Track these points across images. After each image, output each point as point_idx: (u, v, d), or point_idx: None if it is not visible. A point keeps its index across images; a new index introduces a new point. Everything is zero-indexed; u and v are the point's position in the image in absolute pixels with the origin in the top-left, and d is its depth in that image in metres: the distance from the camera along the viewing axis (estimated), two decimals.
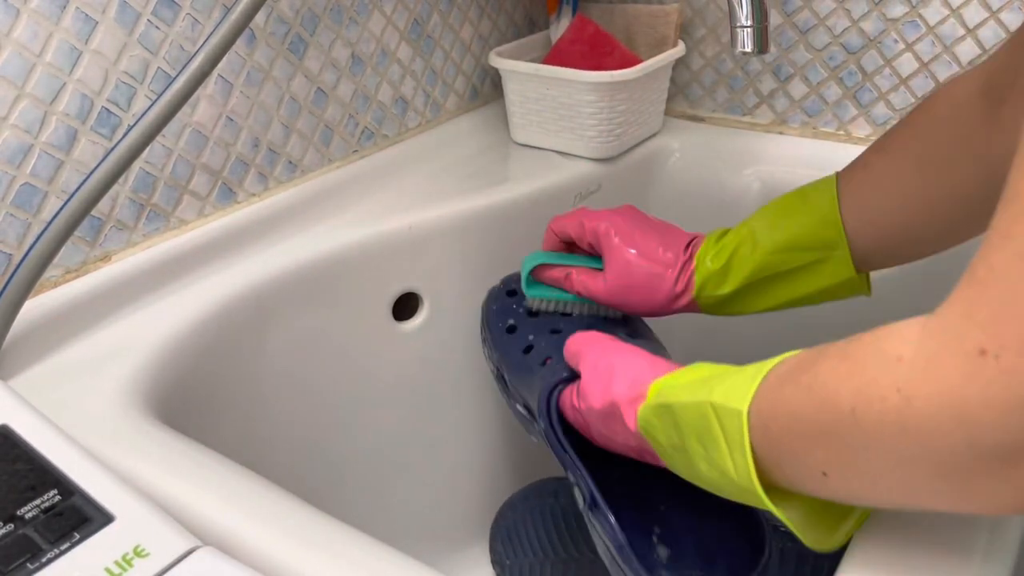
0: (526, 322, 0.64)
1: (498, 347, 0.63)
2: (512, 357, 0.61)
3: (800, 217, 0.56)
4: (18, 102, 0.57)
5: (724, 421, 0.38)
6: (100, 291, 0.62)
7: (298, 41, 0.74)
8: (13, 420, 0.44)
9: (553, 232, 0.65)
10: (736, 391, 0.38)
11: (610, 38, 0.89)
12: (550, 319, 0.63)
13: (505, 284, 0.69)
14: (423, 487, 0.85)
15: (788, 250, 0.55)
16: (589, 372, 0.51)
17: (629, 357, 0.50)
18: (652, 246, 0.59)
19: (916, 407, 0.28)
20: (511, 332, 0.63)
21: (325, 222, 0.76)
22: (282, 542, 0.43)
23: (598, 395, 0.49)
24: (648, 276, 0.59)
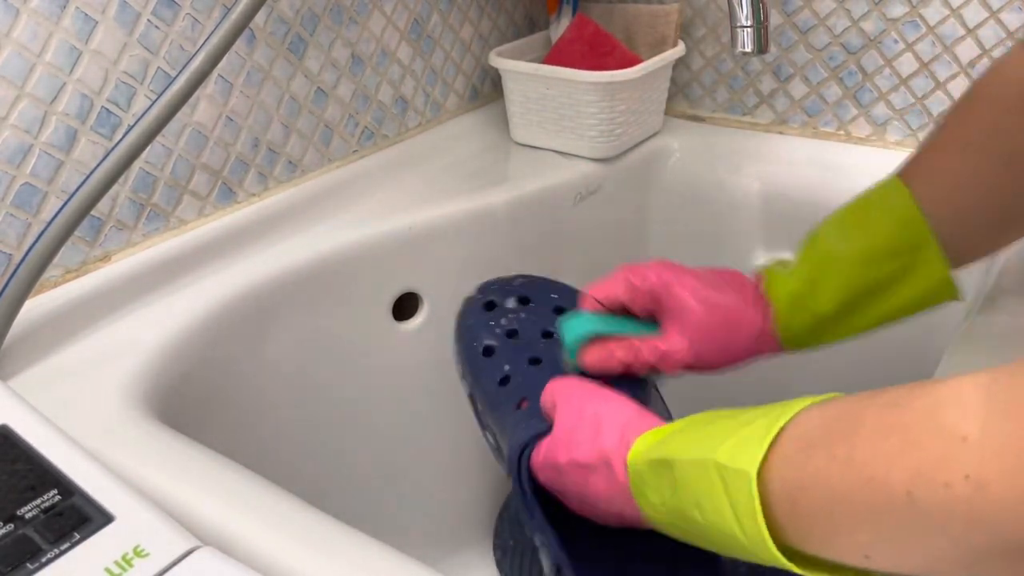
0: (505, 345, 0.56)
1: (472, 370, 0.56)
2: (486, 386, 0.54)
3: (877, 221, 0.50)
4: (18, 102, 0.57)
5: (730, 483, 0.34)
6: (100, 291, 0.62)
7: (298, 41, 0.74)
8: (13, 420, 0.44)
9: (595, 300, 0.55)
10: (744, 450, 0.34)
11: (610, 38, 0.89)
12: (530, 344, 0.55)
13: (483, 293, 0.60)
14: (423, 487, 0.85)
15: (874, 261, 0.50)
16: (572, 420, 0.45)
17: (616, 405, 0.45)
18: (719, 286, 0.52)
19: (991, 496, 0.25)
20: (488, 355, 0.55)
21: (325, 222, 0.76)
22: (282, 542, 0.43)
23: (584, 447, 0.43)
24: (726, 315, 0.52)
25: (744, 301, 0.52)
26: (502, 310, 0.58)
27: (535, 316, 0.56)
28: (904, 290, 0.50)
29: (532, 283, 0.59)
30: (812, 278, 0.51)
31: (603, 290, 0.54)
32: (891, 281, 0.50)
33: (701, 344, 0.51)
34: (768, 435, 0.33)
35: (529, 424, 0.49)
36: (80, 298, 0.61)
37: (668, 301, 0.52)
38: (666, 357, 0.51)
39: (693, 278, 0.52)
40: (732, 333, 0.51)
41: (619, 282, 0.54)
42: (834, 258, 0.51)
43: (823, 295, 0.51)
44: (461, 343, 0.58)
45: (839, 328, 0.52)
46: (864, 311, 0.51)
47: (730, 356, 0.52)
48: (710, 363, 0.52)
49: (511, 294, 0.58)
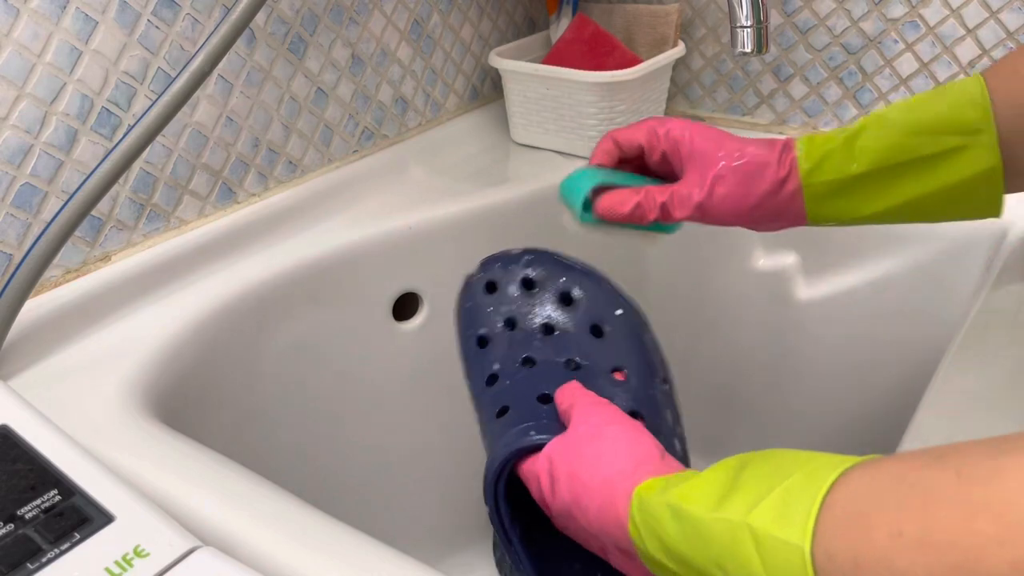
0: (500, 337, 0.52)
1: (465, 359, 0.53)
2: (475, 380, 0.51)
3: (942, 99, 0.47)
4: (18, 102, 0.57)
5: (768, 553, 0.29)
6: (100, 291, 0.62)
7: (298, 41, 0.74)
8: (13, 420, 0.44)
9: (616, 143, 0.54)
10: (786, 516, 0.29)
11: (610, 38, 0.89)
12: (527, 340, 0.51)
13: (485, 271, 0.55)
14: (423, 487, 0.85)
15: (926, 132, 0.46)
16: (588, 432, 0.42)
17: (643, 436, 0.41)
18: (742, 143, 0.50)
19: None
20: (482, 345, 0.52)
21: (325, 222, 0.76)
22: (282, 542, 0.43)
23: (590, 464, 0.40)
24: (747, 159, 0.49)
25: (769, 152, 0.49)
26: (504, 295, 0.54)
27: (538, 304, 0.52)
28: (947, 171, 0.46)
29: (539, 261, 0.54)
30: (851, 135, 0.48)
31: (625, 132, 0.54)
32: (936, 157, 0.46)
33: (717, 185, 0.49)
34: (816, 499, 0.29)
35: (508, 439, 0.45)
36: (80, 298, 0.61)
37: (687, 147, 0.51)
38: (680, 195, 0.50)
39: (715, 131, 0.51)
40: (751, 178, 0.49)
41: (643, 127, 0.53)
42: (884, 121, 0.48)
43: (859, 155, 0.47)
44: (459, 327, 0.55)
45: (869, 197, 0.48)
46: (897, 185, 0.47)
47: (746, 208, 0.50)
48: (723, 212, 0.50)
49: (515, 275, 0.54)
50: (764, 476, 0.32)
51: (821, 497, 0.29)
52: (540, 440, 0.43)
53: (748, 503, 0.31)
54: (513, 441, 0.44)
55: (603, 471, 0.39)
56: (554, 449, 0.42)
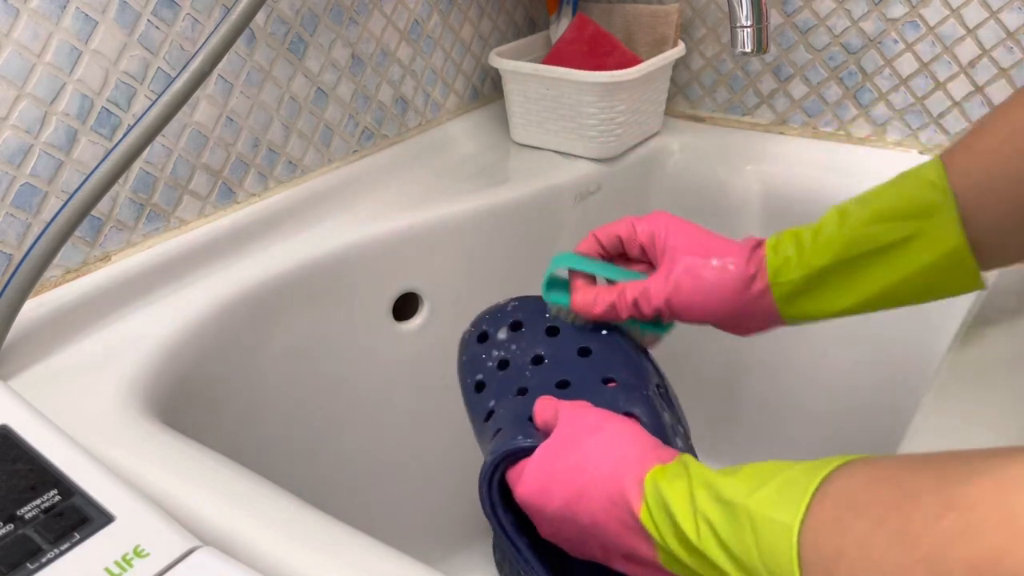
0: (494, 378, 0.54)
1: (467, 406, 0.55)
2: (476, 423, 0.53)
3: (898, 185, 0.47)
4: (18, 102, 0.57)
5: (762, 535, 0.31)
6: (100, 291, 0.62)
7: (298, 41, 0.74)
8: (13, 420, 0.44)
9: (597, 239, 0.55)
10: (782, 500, 0.31)
11: (610, 38, 0.89)
12: (519, 374, 0.53)
13: (476, 326, 0.58)
14: (423, 487, 0.85)
15: (885, 219, 0.46)
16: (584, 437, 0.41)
17: (638, 431, 0.42)
18: (715, 240, 0.51)
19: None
20: (479, 390, 0.54)
21: (325, 222, 0.76)
22: (282, 542, 0.43)
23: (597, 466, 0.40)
24: (714, 259, 0.49)
25: (739, 253, 0.50)
26: (494, 341, 0.56)
27: (526, 342, 0.54)
28: (909, 256, 0.46)
29: (524, 306, 0.57)
30: (815, 231, 0.48)
31: (606, 228, 0.54)
32: (896, 244, 0.46)
33: (683, 283, 0.49)
34: (809, 486, 0.31)
35: (496, 446, 0.45)
36: (80, 298, 0.61)
37: (661, 241, 0.51)
38: (647, 293, 0.50)
39: (694, 229, 0.51)
40: (718, 278, 0.49)
41: (623, 222, 0.54)
42: (844, 214, 0.48)
43: (821, 246, 0.47)
44: (460, 379, 0.57)
45: (838, 291, 0.48)
46: (862, 278, 0.47)
47: (715, 304, 0.50)
48: (692, 309, 0.50)
49: (503, 322, 0.56)
50: (767, 468, 0.34)
51: (815, 485, 0.31)
52: (527, 443, 0.44)
53: (749, 488, 0.33)
54: (500, 447, 0.44)
55: (608, 461, 0.39)
56: (547, 449, 0.42)
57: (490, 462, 0.44)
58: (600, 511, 0.39)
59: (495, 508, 0.44)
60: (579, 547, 0.42)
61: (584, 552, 0.42)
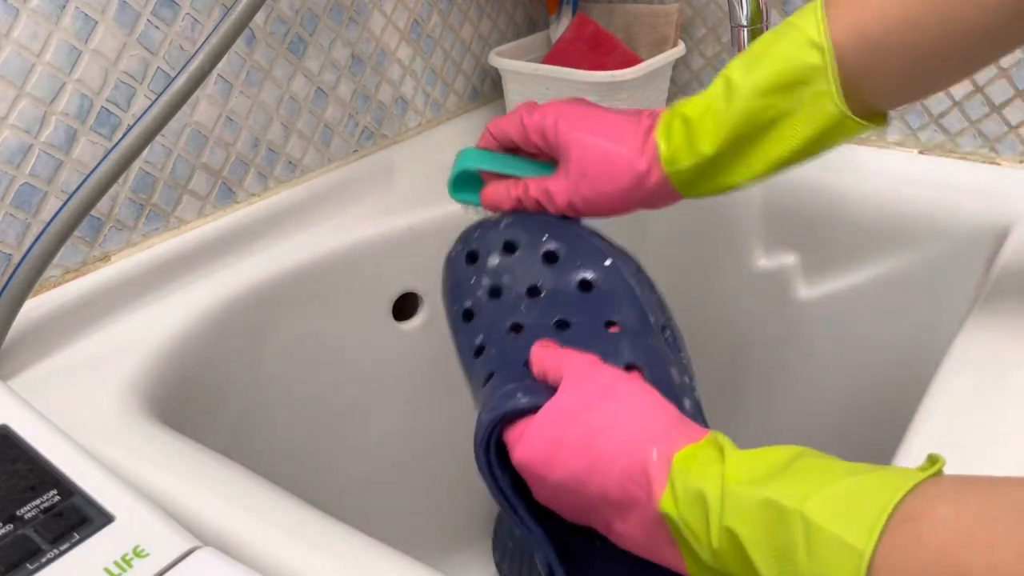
0: (485, 308, 0.50)
1: (455, 335, 0.51)
2: (465, 356, 0.49)
3: (779, 45, 0.45)
4: (18, 102, 0.57)
5: (817, 548, 0.28)
6: (100, 291, 0.62)
7: (298, 41, 0.74)
8: (13, 420, 0.44)
9: (492, 136, 0.53)
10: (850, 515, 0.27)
11: (610, 37, 0.89)
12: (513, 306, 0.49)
13: (464, 243, 0.53)
14: (423, 487, 0.85)
15: (769, 92, 0.44)
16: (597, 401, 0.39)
17: (657, 399, 0.39)
18: (606, 126, 0.49)
19: None
20: (468, 319, 0.50)
21: (325, 222, 0.76)
22: (282, 542, 0.43)
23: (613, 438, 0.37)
24: (606, 155, 0.48)
25: (631, 142, 0.48)
26: (484, 263, 0.51)
27: (521, 267, 0.50)
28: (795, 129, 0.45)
29: (520, 223, 0.52)
30: (702, 111, 0.47)
31: (499, 123, 0.53)
32: (785, 115, 0.45)
33: (581, 184, 0.49)
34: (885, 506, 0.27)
35: (494, 403, 0.41)
36: (80, 298, 0.61)
37: (554, 139, 0.50)
38: (549, 194, 0.50)
39: (587, 116, 0.50)
40: (613, 176, 0.48)
41: (514, 117, 0.52)
42: (730, 88, 0.46)
43: (711, 131, 0.46)
44: (446, 304, 0.54)
45: (731, 169, 0.47)
46: (755, 150, 0.46)
47: (614, 200, 0.49)
48: (594, 205, 0.49)
49: (495, 241, 0.52)
50: (821, 467, 0.31)
51: (892, 506, 0.27)
52: (528, 403, 0.40)
53: (805, 490, 0.29)
54: (499, 404, 0.41)
55: (627, 434, 0.36)
56: (552, 413, 0.39)
57: (486, 423, 0.41)
58: (614, 487, 0.36)
59: (492, 469, 0.41)
60: (578, 517, 0.40)
61: (583, 521, 0.40)
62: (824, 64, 0.42)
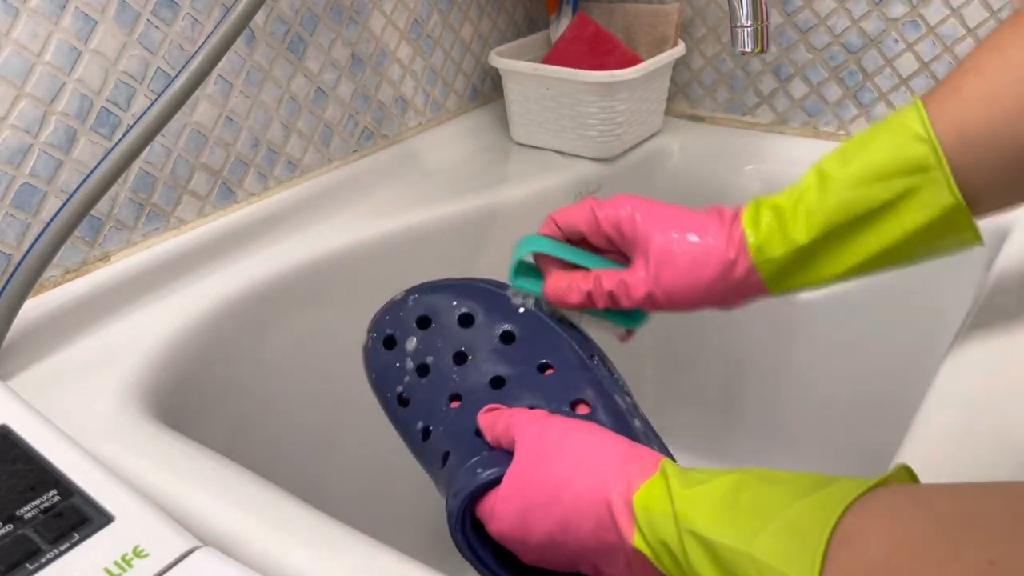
0: (418, 387, 0.48)
1: (395, 423, 0.50)
2: (411, 441, 0.48)
3: (881, 140, 0.43)
4: (18, 102, 0.57)
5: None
6: (100, 291, 0.62)
7: (298, 41, 0.74)
8: (13, 420, 0.44)
9: (557, 226, 0.51)
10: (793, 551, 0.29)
11: (610, 37, 0.89)
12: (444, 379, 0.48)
13: (378, 331, 0.52)
14: (423, 487, 0.85)
15: (871, 181, 0.42)
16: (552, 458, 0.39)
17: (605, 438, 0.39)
18: (687, 217, 0.47)
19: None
20: (404, 404, 0.49)
21: (325, 222, 0.76)
22: (282, 542, 0.43)
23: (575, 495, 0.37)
24: (691, 246, 0.46)
25: (716, 232, 0.46)
26: (403, 345, 0.50)
27: (440, 339, 0.49)
28: (901, 218, 0.42)
29: (425, 296, 0.51)
30: (795, 201, 0.45)
31: (565, 214, 0.50)
32: (887, 206, 0.42)
33: (663, 276, 0.46)
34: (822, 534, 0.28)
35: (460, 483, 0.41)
36: (80, 298, 0.61)
37: (631, 232, 0.47)
38: (626, 286, 0.47)
39: (663, 210, 0.48)
40: (698, 266, 0.46)
41: (583, 209, 0.49)
42: (826, 178, 0.44)
43: (802, 224, 0.44)
44: (376, 395, 0.52)
45: (826, 262, 0.45)
46: (853, 245, 0.44)
47: (699, 292, 0.46)
48: (676, 298, 0.47)
49: (408, 320, 0.50)
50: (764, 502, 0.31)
51: (828, 533, 0.28)
52: (490, 476, 0.40)
53: (751, 529, 0.30)
54: (464, 486, 0.41)
55: (587, 484, 0.37)
56: (514, 481, 0.39)
57: (456, 507, 0.41)
58: (590, 538, 0.37)
59: (474, 549, 0.41)
60: (570, 567, 0.40)
61: (576, 569, 0.40)
62: (935, 154, 0.41)
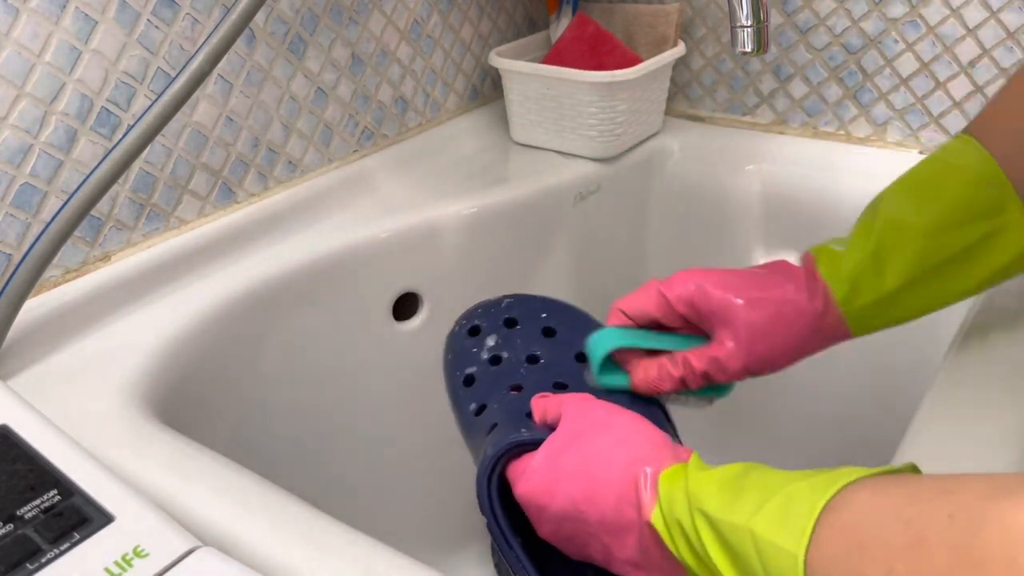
0: (486, 372, 0.51)
1: (453, 400, 0.52)
2: (464, 417, 0.50)
3: (950, 183, 0.44)
4: (18, 102, 0.57)
5: (767, 559, 0.30)
6: (100, 291, 0.62)
7: (298, 41, 0.74)
8: (13, 420, 0.44)
9: (625, 315, 0.49)
10: (786, 523, 0.30)
11: (610, 37, 0.89)
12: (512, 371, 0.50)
13: (468, 320, 0.55)
14: (423, 487, 0.85)
15: (950, 227, 0.43)
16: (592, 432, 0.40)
17: (645, 425, 0.41)
18: (760, 280, 0.48)
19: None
20: (468, 384, 0.52)
21: (325, 222, 0.76)
22: (282, 542, 0.43)
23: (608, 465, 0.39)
24: (777, 307, 0.46)
25: (796, 288, 0.46)
26: (486, 336, 0.53)
27: (521, 339, 0.52)
28: (989, 259, 0.44)
29: (520, 303, 0.55)
30: (876, 251, 0.45)
31: (632, 302, 0.49)
32: (972, 249, 0.44)
33: (756, 344, 0.46)
34: (813, 509, 0.29)
35: (497, 438, 0.44)
36: (80, 298, 0.61)
37: (708, 305, 0.47)
38: (720, 363, 0.46)
39: (731, 276, 0.48)
40: (789, 326, 0.46)
41: (650, 293, 0.49)
42: (902, 226, 0.45)
43: (890, 270, 0.45)
44: (445, 373, 0.54)
45: (912, 304, 0.46)
46: (940, 287, 0.45)
47: (792, 350, 0.47)
48: (772, 362, 0.47)
49: (497, 317, 0.54)
50: (767, 482, 0.33)
51: (820, 507, 0.29)
52: (531, 436, 0.42)
53: (752, 507, 0.32)
54: (503, 439, 0.43)
55: (620, 460, 0.38)
56: (552, 446, 0.41)
57: (491, 455, 0.43)
58: (610, 511, 0.38)
59: (493, 504, 0.43)
60: (579, 547, 0.41)
61: (583, 553, 0.41)
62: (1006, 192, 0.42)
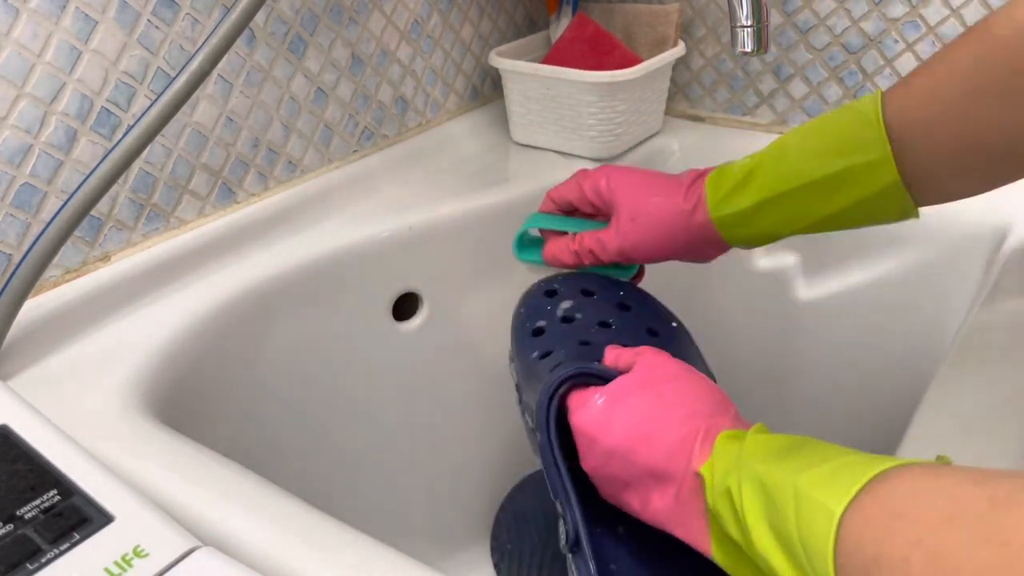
0: (557, 328, 0.54)
1: (517, 348, 0.54)
2: (526, 359, 0.52)
3: (836, 121, 0.49)
4: (18, 102, 0.57)
5: (803, 513, 0.31)
6: (100, 291, 0.62)
7: (298, 41, 0.74)
8: (13, 420, 0.44)
9: (552, 201, 0.61)
10: (832, 484, 0.31)
11: (610, 37, 0.89)
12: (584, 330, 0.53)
13: (546, 283, 0.59)
14: (423, 487, 0.85)
15: (822, 154, 0.48)
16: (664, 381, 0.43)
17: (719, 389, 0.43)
18: (653, 178, 0.56)
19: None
20: (537, 335, 0.54)
21: (325, 222, 0.76)
22: (282, 542, 0.43)
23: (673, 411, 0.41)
24: (656, 203, 0.54)
25: (678, 190, 0.54)
26: (562, 298, 0.56)
27: (596, 307, 0.55)
28: (850, 190, 0.48)
29: (599, 279, 0.58)
30: (752, 168, 0.51)
31: (558, 190, 0.60)
32: (831, 178, 0.48)
33: (631, 230, 0.54)
34: (862, 477, 0.30)
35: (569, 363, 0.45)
36: (80, 298, 0.61)
37: (608, 196, 0.56)
38: (602, 242, 0.56)
39: (636, 174, 0.56)
40: (661, 218, 0.54)
41: (571, 183, 0.59)
42: (782, 149, 0.51)
43: (755, 184, 0.51)
44: (514, 327, 0.56)
45: (776, 221, 0.51)
46: (802, 208, 0.50)
47: (664, 240, 0.54)
48: (643, 248, 0.55)
49: (575, 286, 0.57)
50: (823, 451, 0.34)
51: (869, 476, 0.30)
52: (601, 370, 0.44)
53: (800, 466, 0.33)
54: (574, 366, 0.45)
55: (684, 411, 0.40)
56: (623, 385, 0.43)
57: (560, 375, 0.44)
58: (661, 456, 0.39)
59: (549, 423, 0.44)
60: (616, 489, 0.42)
61: (618, 496, 0.43)
62: (881, 137, 0.46)
